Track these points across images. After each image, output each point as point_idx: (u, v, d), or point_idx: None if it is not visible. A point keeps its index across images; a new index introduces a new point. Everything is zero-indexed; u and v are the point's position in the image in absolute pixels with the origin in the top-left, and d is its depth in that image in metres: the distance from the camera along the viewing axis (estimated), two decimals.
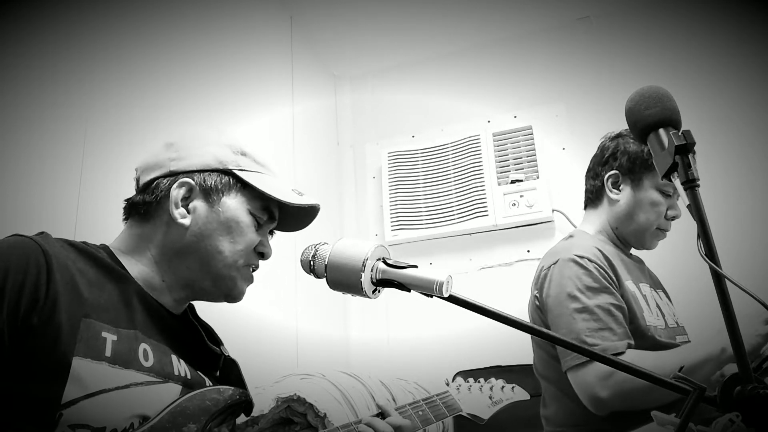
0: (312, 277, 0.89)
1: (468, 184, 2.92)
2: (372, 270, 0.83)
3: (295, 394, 1.76)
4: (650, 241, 1.70)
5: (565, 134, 2.91)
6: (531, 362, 1.73)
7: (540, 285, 1.60)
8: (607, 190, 1.69)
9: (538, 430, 1.68)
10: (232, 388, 1.04)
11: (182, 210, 1.03)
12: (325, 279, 0.86)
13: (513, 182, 2.83)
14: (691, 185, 0.75)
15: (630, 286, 1.58)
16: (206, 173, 1.05)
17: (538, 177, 2.82)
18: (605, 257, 1.56)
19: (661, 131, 0.80)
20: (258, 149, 1.12)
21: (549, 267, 1.59)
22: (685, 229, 1.22)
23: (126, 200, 1.09)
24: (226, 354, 1.14)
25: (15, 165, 1.48)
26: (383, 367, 2.59)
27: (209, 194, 1.05)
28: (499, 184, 2.86)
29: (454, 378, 1.52)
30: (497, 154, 2.92)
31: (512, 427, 1.91)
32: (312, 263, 0.87)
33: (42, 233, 0.95)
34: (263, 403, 1.76)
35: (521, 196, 2.81)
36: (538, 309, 1.60)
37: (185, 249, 1.03)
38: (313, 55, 3.20)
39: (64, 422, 0.84)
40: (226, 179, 1.06)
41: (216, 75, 2.28)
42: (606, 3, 2.95)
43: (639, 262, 1.79)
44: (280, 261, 1.62)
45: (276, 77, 2.77)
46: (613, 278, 1.54)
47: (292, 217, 1.15)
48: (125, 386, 0.90)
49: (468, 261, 2.91)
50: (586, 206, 1.79)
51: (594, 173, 1.74)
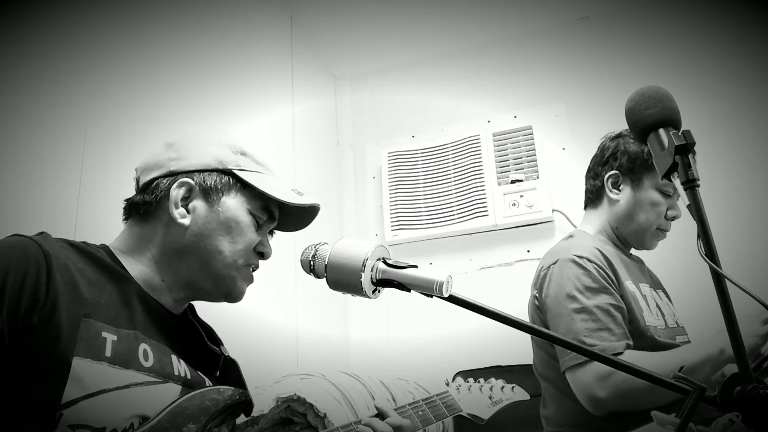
0: (312, 277, 0.89)
1: (468, 184, 2.92)
2: (372, 270, 0.83)
3: (295, 394, 1.76)
4: (650, 241, 1.70)
5: (565, 134, 2.91)
6: (531, 362, 1.73)
7: (539, 285, 1.60)
8: (607, 190, 1.69)
9: (538, 430, 1.68)
10: (232, 389, 1.04)
11: (182, 210, 1.03)
12: (325, 279, 0.86)
13: (513, 182, 2.83)
14: (691, 185, 0.75)
15: (630, 286, 1.58)
16: (206, 173, 1.06)
17: (538, 177, 2.82)
18: (605, 257, 1.56)
19: (661, 131, 0.80)
20: (258, 149, 1.12)
21: (548, 267, 1.59)
22: (685, 229, 1.22)
23: (126, 200, 1.09)
24: (226, 354, 1.14)
25: (15, 165, 1.48)
26: (383, 367, 2.59)
27: (209, 194, 1.05)
28: (499, 184, 2.86)
29: (454, 378, 1.52)
30: (497, 154, 2.92)
31: (512, 427, 1.91)
32: (312, 263, 0.87)
33: (42, 233, 0.95)
34: (263, 403, 1.76)
35: (521, 196, 2.80)
36: (538, 309, 1.60)
37: (185, 249, 1.03)
38: (313, 55, 3.19)
39: (64, 422, 0.84)
40: (226, 179, 1.06)
41: (216, 75, 2.28)
42: (606, 3, 2.95)
43: (639, 262, 1.79)
44: (280, 261, 1.62)
45: (276, 77, 2.77)
46: (613, 278, 1.53)
47: (292, 217, 1.15)
48: (125, 386, 0.90)
49: (468, 261, 2.91)
50: (586, 206, 1.79)
51: (594, 173, 1.74)
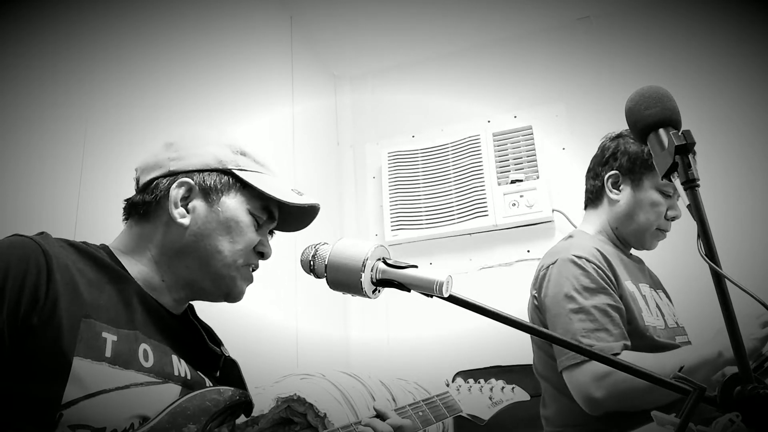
0: (312, 277, 0.88)
1: (468, 184, 2.92)
2: (372, 270, 0.83)
3: (295, 394, 1.76)
4: (650, 242, 1.70)
5: (565, 134, 2.91)
6: (531, 362, 1.73)
7: (539, 285, 1.60)
8: (607, 191, 1.69)
9: (538, 431, 1.68)
10: (232, 389, 1.04)
11: (181, 210, 1.03)
12: (325, 279, 0.86)
13: (513, 182, 2.83)
14: (691, 185, 0.75)
15: (629, 286, 1.57)
16: (206, 173, 1.05)
17: (538, 177, 2.82)
18: (604, 257, 1.55)
19: (661, 131, 0.80)
20: (258, 149, 1.12)
21: (548, 267, 1.59)
22: (685, 229, 1.22)
23: (126, 200, 1.09)
24: (227, 354, 1.14)
25: (15, 165, 1.48)
26: (383, 367, 2.59)
27: (208, 194, 1.05)
28: (499, 184, 2.86)
29: (454, 378, 1.52)
30: (497, 154, 2.92)
31: (512, 428, 1.91)
32: (312, 263, 0.87)
33: (42, 233, 0.95)
34: (263, 403, 1.76)
35: (521, 196, 2.80)
36: (537, 309, 1.60)
37: (185, 249, 1.03)
38: (313, 55, 3.19)
39: (64, 422, 0.84)
40: (226, 179, 1.06)
41: (216, 75, 2.28)
42: (606, 3, 2.95)
43: (639, 263, 1.79)
44: (280, 261, 1.62)
45: (276, 77, 2.77)
46: (612, 278, 1.53)
47: (292, 217, 1.15)
48: (125, 387, 0.90)
49: (468, 261, 2.91)
50: (586, 206, 1.79)
51: (594, 173, 1.74)
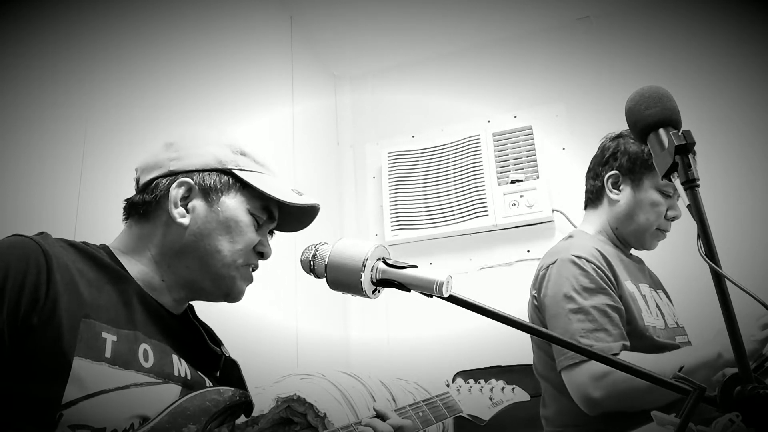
0: (312, 277, 0.88)
1: (468, 184, 2.92)
2: (372, 270, 0.83)
3: (295, 394, 1.76)
4: (650, 242, 1.70)
5: (565, 134, 2.91)
6: (531, 362, 1.73)
7: (538, 285, 1.60)
8: (607, 191, 1.69)
9: (538, 431, 1.68)
10: (232, 389, 1.04)
11: (181, 209, 1.03)
12: (325, 279, 0.86)
13: (513, 182, 2.83)
14: (691, 185, 0.75)
15: (629, 286, 1.57)
16: (205, 173, 1.05)
17: (538, 177, 2.82)
18: (604, 257, 1.55)
19: (661, 131, 0.80)
20: (258, 149, 1.12)
21: (547, 267, 1.59)
22: (685, 229, 1.22)
23: (126, 200, 1.09)
24: (227, 354, 1.14)
25: (15, 165, 1.48)
26: (383, 367, 2.59)
27: (208, 194, 1.05)
28: (499, 184, 2.86)
29: (454, 379, 1.52)
30: (497, 154, 2.92)
31: (512, 428, 1.91)
32: (312, 263, 0.87)
33: (42, 233, 0.95)
34: (263, 403, 1.76)
35: (521, 196, 2.80)
36: (537, 309, 1.60)
37: (184, 249, 1.03)
38: (313, 55, 3.19)
39: (64, 423, 0.84)
40: (226, 179, 1.06)
41: (216, 75, 2.28)
42: (606, 3, 2.95)
43: (639, 263, 1.79)
44: (280, 261, 1.62)
45: (276, 77, 2.77)
46: (612, 279, 1.53)
47: (292, 217, 1.15)
48: (125, 387, 0.90)
49: (468, 261, 2.91)
50: (586, 206, 1.79)
51: (594, 173, 1.74)
